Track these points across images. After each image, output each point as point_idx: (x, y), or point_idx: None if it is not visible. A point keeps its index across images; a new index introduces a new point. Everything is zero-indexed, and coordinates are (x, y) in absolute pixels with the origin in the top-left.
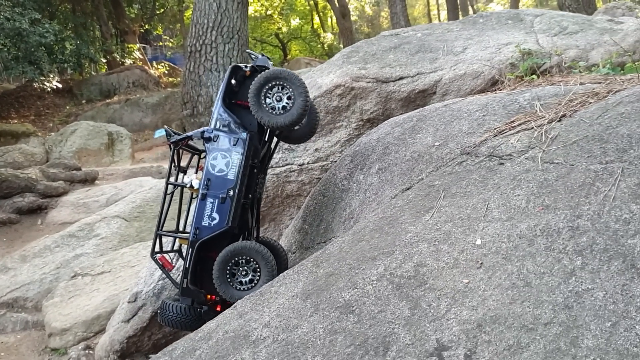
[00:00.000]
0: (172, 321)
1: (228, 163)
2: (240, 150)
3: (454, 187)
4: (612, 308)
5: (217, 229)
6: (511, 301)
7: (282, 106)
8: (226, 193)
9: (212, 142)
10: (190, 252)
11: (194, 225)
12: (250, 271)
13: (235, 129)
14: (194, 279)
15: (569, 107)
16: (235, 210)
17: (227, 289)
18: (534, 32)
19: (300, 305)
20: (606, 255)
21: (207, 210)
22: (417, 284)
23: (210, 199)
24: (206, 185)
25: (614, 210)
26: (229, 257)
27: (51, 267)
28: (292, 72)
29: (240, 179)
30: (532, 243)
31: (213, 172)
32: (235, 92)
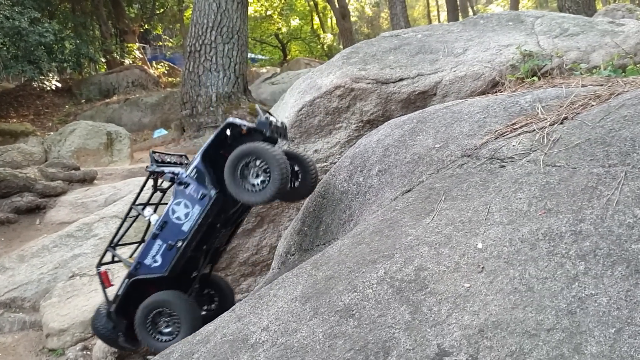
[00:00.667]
0: (97, 330)
1: (188, 214)
2: (203, 207)
3: (455, 190)
4: (616, 314)
5: (156, 272)
6: (513, 306)
7: (261, 181)
8: (175, 242)
9: (182, 187)
10: (125, 283)
11: (137, 258)
12: (172, 323)
13: (207, 184)
14: (119, 309)
15: (570, 109)
16: (178, 262)
17: (146, 337)
18: (535, 33)
19: (300, 308)
20: (610, 260)
21: (153, 250)
22: (418, 288)
23: (159, 240)
24: (160, 226)
25: (617, 214)
26: (151, 307)
27: (49, 267)
28: (267, 148)
29: (192, 234)
30: (534, 247)
31: (171, 216)
32: (226, 144)
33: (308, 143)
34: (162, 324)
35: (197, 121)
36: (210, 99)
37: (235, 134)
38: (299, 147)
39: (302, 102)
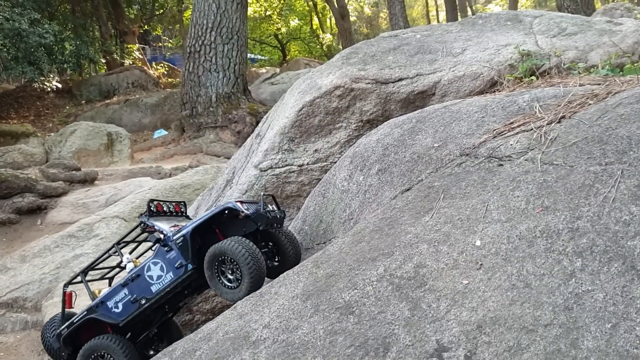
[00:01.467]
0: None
1: (160, 277)
2: (177, 276)
3: (454, 189)
4: (612, 310)
5: (112, 318)
6: (511, 302)
7: (236, 278)
8: (140, 298)
9: (164, 249)
10: (83, 315)
11: (102, 297)
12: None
13: (187, 257)
14: (67, 337)
15: (568, 108)
16: (135, 317)
17: None
18: (533, 33)
19: (301, 306)
20: (606, 257)
21: (117, 296)
22: (417, 285)
23: (126, 290)
24: (132, 278)
25: (613, 211)
26: (90, 352)
27: (51, 267)
28: (238, 248)
29: (158, 298)
30: (531, 244)
31: (144, 272)
32: (220, 222)
33: (308, 143)
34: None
35: (197, 121)
36: (210, 99)
37: (232, 214)
38: (299, 146)
39: (302, 102)
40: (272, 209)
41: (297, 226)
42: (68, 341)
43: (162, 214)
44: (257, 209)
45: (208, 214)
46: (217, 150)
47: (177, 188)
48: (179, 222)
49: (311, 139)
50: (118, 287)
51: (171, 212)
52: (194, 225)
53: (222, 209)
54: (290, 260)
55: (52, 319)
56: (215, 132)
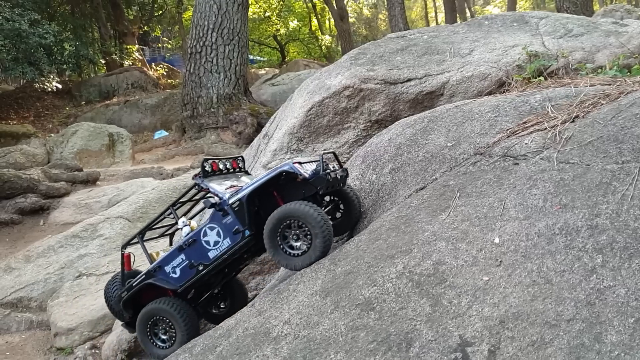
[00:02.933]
0: (108, 301)
1: (217, 243)
2: (234, 243)
3: (469, 187)
4: (635, 304)
5: (171, 283)
6: (532, 298)
7: (300, 245)
8: (197, 264)
9: (219, 214)
10: (142, 279)
11: (159, 261)
12: (168, 330)
13: (244, 222)
14: (127, 303)
15: (581, 108)
16: (194, 283)
17: (147, 344)
18: (540, 34)
19: (320, 302)
20: (627, 253)
21: (175, 261)
22: (437, 282)
23: (183, 255)
24: (188, 243)
25: (632, 209)
26: (150, 314)
27: (55, 267)
28: (309, 210)
29: (215, 264)
30: (551, 241)
31: (201, 237)
32: (278, 184)
33: (317, 143)
34: (160, 330)
35: (198, 122)
36: (211, 100)
37: (290, 177)
38: (308, 146)
39: (311, 103)
40: (334, 168)
41: None
42: (129, 304)
43: (218, 172)
44: (317, 171)
45: (264, 176)
46: (219, 151)
47: (180, 188)
48: (237, 182)
49: (320, 139)
50: (175, 252)
51: (228, 170)
52: (250, 189)
53: (279, 171)
54: (355, 217)
55: (113, 277)
56: (216, 132)
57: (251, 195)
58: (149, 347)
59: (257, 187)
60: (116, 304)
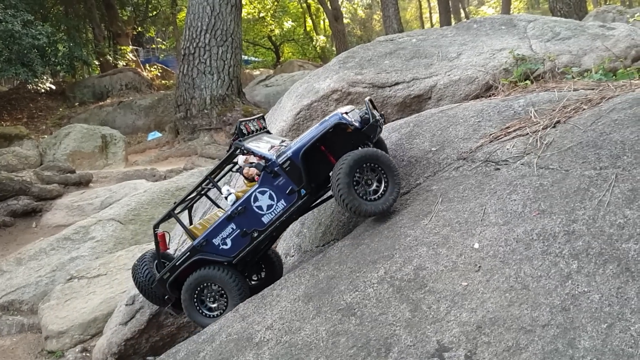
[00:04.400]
0: (139, 283)
1: (270, 207)
2: (289, 204)
3: (452, 192)
4: (608, 310)
5: (222, 255)
6: (509, 303)
7: (374, 190)
8: (251, 231)
9: (270, 176)
10: (187, 256)
11: (205, 235)
12: (218, 298)
13: (299, 180)
14: (174, 282)
15: (563, 113)
16: (249, 252)
17: (194, 313)
18: (527, 37)
19: (303, 307)
20: (601, 259)
21: (225, 232)
22: (417, 287)
23: (234, 224)
24: (238, 210)
25: (608, 215)
26: (198, 283)
27: (47, 270)
28: (384, 155)
29: (271, 229)
30: (529, 247)
31: (252, 203)
32: (326, 139)
33: None
34: (208, 298)
35: (191, 124)
36: (204, 101)
37: (339, 129)
38: None
39: (300, 106)
40: (378, 116)
41: (296, 229)
42: (174, 285)
43: (249, 134)
44: (367, 120)
45: (316, 132)
46: (212, 152)
47: (172, 190)
48: (272, 141)
49: None
50: (223, 222)
51: (257, 130)
52: (305, 148)
53: (332, 124)
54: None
55: (141, 258)
56: (209, 134)
57: (306, 152)
58: (197, 317)
59: (311, 144)
60: (156, 287)
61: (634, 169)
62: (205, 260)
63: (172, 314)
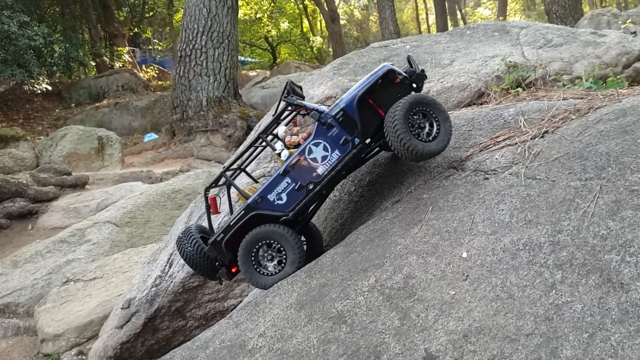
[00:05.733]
0: (187, 254)
1: (325, 158)
2: (343, 154)
3: (441, 201)
4: (590, 320)
5: (278, 210)
6: (495, 312)
7: (427, 133)
8: (306, 184)
9: (323, 128)
10: (242, 214)
11: (260, 192)
12: (275, 256)
13: (352, 130)
14: (231, 241)
15: (551, 123)
16: (304, 205)
17: (252, 272)
18: (520, 44)
19: (295, 315)
20: (584, 270)
21: (279, 187)
22: (407, 295)
23: (288, 179)
24: (293, 164)
25: (592, 226)
26: (256, 240)
27: (43, 273)
28: (435, 98)
29: (326, 180)
30: (515, 257)
31: (307, 156)
32: (374, 91)
33: None
34: (264, 257)
35: (187, 125)
36: (200, 103)
37: (387, 81)
38: None
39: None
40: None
41: None
42: (230, 246)
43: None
44: (413, 70)
45: (367, 82)
46: (208, 154)
47: (168, 193)
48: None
49: None
50: (277, 178)
51: (299, 94)
52: (359, 97)
53: (383, 73)
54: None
55: (186, 230)
56: (206, 136)
57: (360, 100)
58: (254, 276)
59: (364, 92)
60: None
61: (617, 181)
62: (262, 216)
63: (223, 281)
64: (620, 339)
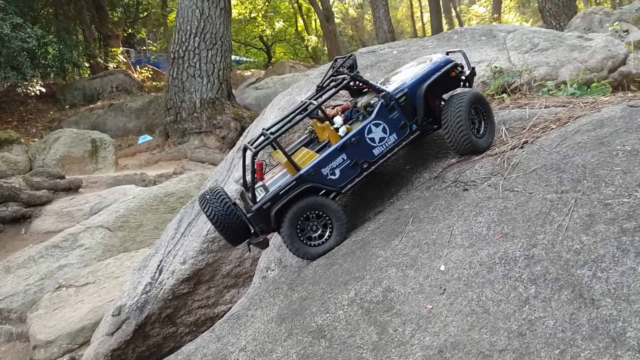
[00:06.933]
0: (215, 214)
1: (382, 139)
2: (400, 137)
3: (422, 212)
4: (561, 336)
5: (330, 185)
6: (470, 327)
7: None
8: (361, 162)
9: (385, 109)
10: (294, 184)
11: (315, 164)
12: (319, 228)
13: (410, 116)
14: (279, 212)
15: (531, 133)
16: (357, 183)
17: (297, 243)
18: (507, 49)
19: (276, 329)
20: (557, 285)
21: (334, 162)
22: (385, 309)
23: (344, 155)
24: (352, 141)
25: (566, 240)
26: (303, 211)
27: (35, 278)
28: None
29: (380, 161)
30: (491, 270)
31: (365, 135)
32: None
33: None
34: (310, 228)
35: (181, 127)
36: (194, 104)
37: (444, 73)
38: None
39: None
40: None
41: (277, 242)
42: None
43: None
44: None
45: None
46: (202, 156)
47: (161, 196)
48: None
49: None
50: (332, 154)
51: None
52: (427, 86)
53: (453, 65)
54: None
55: (213, 191)
56: (199, 137)
57: (429, 87)
58: (300, 247)
59: (431, 83)
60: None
61: (592, 194)
62: (315, 188)
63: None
64: (589, 356)
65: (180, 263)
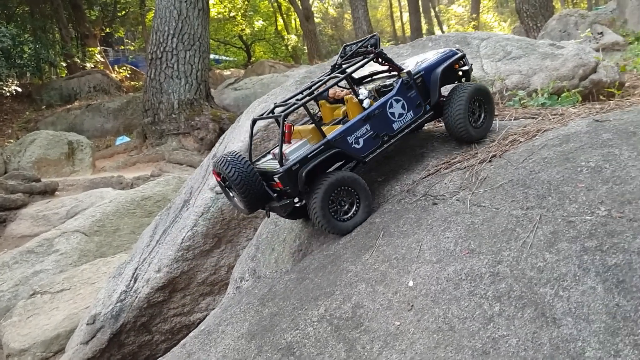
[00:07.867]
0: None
1: (401, 115)
2: (416, 116)
3: (392, 226)
4: (523, 355)
5: (353, 153)
6: (436, 345)
7: (476, 119)
8: (383, 134)
9: (404, 87)
10: (322, 149)
11: (342, 130)
12: (347, 202)
13: (425, 95)
14: (310, 174)
15: (500, 146)
16: (377, 154)
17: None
18: (480, 56)
19: (245, 346)
20: (521, 303)
21: (359, 132)
22: (354, 326)
23: (368, 126)
24: (375, 113)
25: (530, 257)
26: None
27: (9, 285)
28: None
29: (399, 135)
30: (457, 287)
31: (387, 109)
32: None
33: None
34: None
35: (159, 128)
36: (172, 106)
37: (450, 66)
38: None
39: (257, 127)
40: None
41: (251, 252)
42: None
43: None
44: (470, 65)
45: (447, 59)
46: (180, 157)
47: (138, 200)
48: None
49: None
50: (357, 124)
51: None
52: (443, 69)
53: (461, 55)
54: None
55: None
56: (177, 139)
57: (444, 70)
58: (332, 222)
59: (445, 67)
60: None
61: (557, 211)
62: (343, 155)
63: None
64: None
65: (155, 271)
